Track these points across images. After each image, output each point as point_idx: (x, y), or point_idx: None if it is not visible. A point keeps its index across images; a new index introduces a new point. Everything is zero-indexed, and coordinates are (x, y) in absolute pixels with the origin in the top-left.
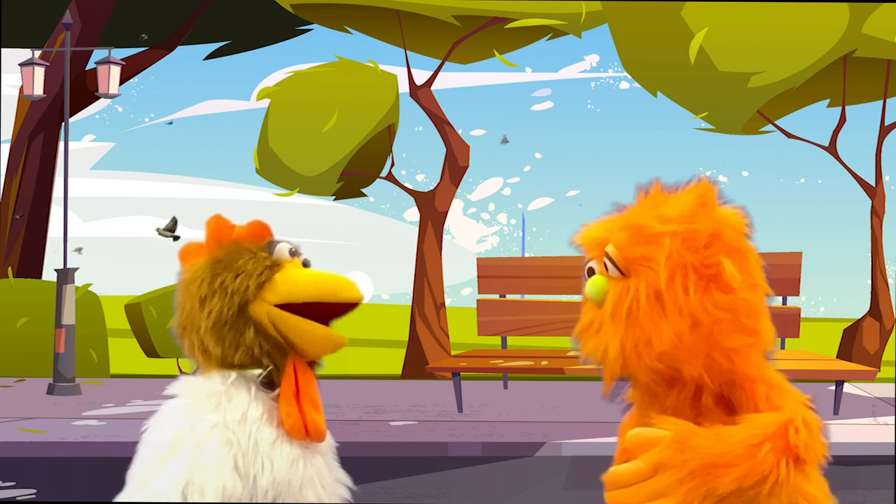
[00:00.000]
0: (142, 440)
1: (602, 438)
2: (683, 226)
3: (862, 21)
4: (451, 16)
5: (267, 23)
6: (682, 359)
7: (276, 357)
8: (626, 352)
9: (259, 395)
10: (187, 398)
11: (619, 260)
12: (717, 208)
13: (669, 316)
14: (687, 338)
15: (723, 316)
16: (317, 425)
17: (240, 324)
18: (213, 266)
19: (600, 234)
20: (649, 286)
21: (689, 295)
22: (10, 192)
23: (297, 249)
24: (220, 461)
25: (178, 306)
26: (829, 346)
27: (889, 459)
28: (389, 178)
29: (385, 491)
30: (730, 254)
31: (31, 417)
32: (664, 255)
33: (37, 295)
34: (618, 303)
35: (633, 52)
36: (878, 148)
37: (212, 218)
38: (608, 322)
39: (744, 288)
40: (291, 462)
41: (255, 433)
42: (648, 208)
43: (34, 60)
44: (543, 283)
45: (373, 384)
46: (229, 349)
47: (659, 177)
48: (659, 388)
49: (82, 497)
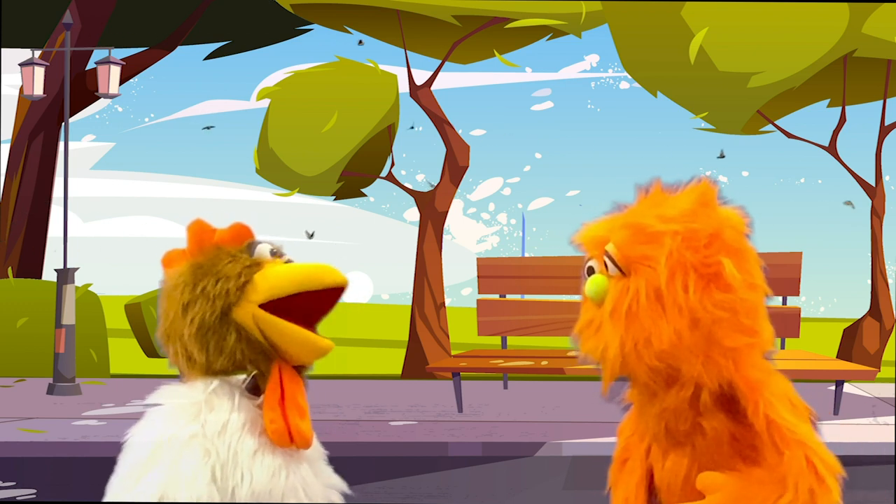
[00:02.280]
0: (122, 450)
1: (602, 438)
2: (684, 225)
3: (862, 21)
4: (451, 16)
5: (267, 23)
6: (682, 358)
7: (261, 362)
8: (625, 350)
9: (242, 403)
10: (169, 408)
11: (619, 259)
12: (718, 208)
13: (669, 315)
14: (686, 337)
15: (722, 315)
16: (301, 432)
17: (223, 329)
18: (195, 272)
19: (600, 234)
20: (649, 285)
21: (689, 294)
22: (10, 192)
23: (279, 249)
24: (196, 473)
25: (161, 314)
26: (829, 346)
27: (889, 459)
28: (389, 178)
29: (385, 491)
30: (729, 253)
31: (31, 417)
32: (664, 255)
33: (37, 295)
34: (618, 301)
35: (633, 52)
36: (878, 148)
37: (192, 223)
38: (608, 321)
39: (743, 287)
40: (272, 473)
41: (235, 443)
42: (649, 208)
43: (34, 60)
44: (543, 283)
45: (373, 384)
46: (213, 355)
47: (659, 176)
48: (658, 388)
49: (82, 497)
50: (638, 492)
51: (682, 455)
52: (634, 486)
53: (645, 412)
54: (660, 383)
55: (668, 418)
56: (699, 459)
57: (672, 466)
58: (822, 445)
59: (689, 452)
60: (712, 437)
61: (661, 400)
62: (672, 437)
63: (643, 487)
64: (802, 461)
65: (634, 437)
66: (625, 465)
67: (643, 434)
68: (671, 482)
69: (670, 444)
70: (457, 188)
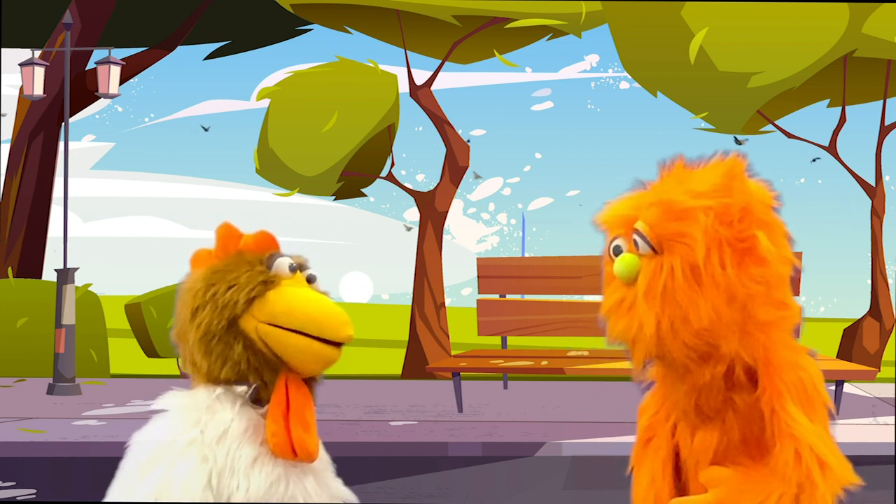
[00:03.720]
0: (125, 455)
1: (602, 438)
2: (716, 200)
3: (862, 21)
4: (451, 16)
5: (267, 23)
6: (720, 334)
7: (265, 373)
8: (661, 330)
9: (244, 411)
10: (171, 413)
11: (651, 237)
12: (747, 182)
13: (707, 292)
14: (725, 313)
15: (758, 289)
16: (305, 446)
17: (229, 337)
18: (210, 276)
19: (627, 212)
20: (685, 262)
21: (727, 270)
22: (10, 192)
23: (301, 265)
24: (191, 479)
25: (176, 315)
26: (829, 346)
27: (889, 459)
28: (389, 178)
29: (385, 491)
30: (761, 227)
31: (31, 417)
32: (700, 231)
33: (37, 295)
34: (652, 280)
35: (633, 52)
36: (878, 148)
37: (221, 226)
38: (641, 300)
39: (777, 260)
40: (271, 483)
41: (233, 451)
42: (675, 184)
43: (34, 60)
44: (543, 283)
45: (373, 384)
46: (216, 363)
47: (682, 153)
48: (692, 365)
49: (82, 497)
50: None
51: (712, 431)
52: (661, 465)
53: (675, 389)
54: (695, 361)
55: (701, 394)
56: (729, 434)
57: (701, 443)
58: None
59: (718, 427)
60: (744, 412)
61: (695, 377)
62: (702, 414)
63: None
64: (790, 456)
65: (659, 415)
66: (648, 444)
67: (669, 412)
68: (700, 459)
69: (700, 421)
70: (457, 188)
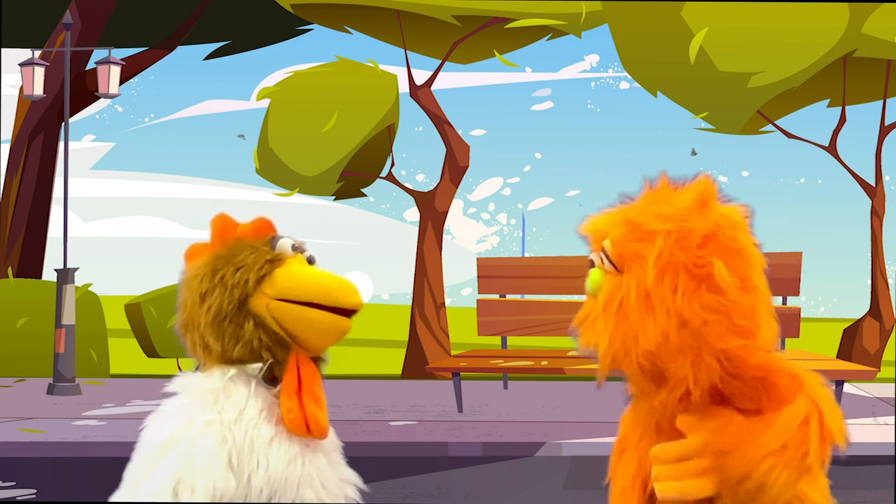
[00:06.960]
0: (139, 438)
1: (602, 438)
2: (678, 224)
3: (862, 21)
4: (451, 16)
5: (267, 23)
6: (669, 358)
7: (277, 351)
8: (614, 346)
9: (259, 391)
10: (186, 396)
11: (613, 255)
12: (716, 207)
13: (657, 315)
14: (674, 337)
15: (713, 317)
16: (318, 421)
17: (240, 317)
18: (215, 262)
19: (602, 227)
20: (639, 284)
21: (678, 295)
22: (10, 192)
23: (300, 245)
24: (212, 459)
25: (180, 304)
26: (829, 346)
27: (889, 459)
28: (389, 178)
29: (385, 491)
30: (725, 254)
31: (31, 417)
32: (654, 255)
33: (37, 295)
34: (609, 297)
35: (633, 52)
36: (878, 148)
37: (216, 216)
38: (601, 315)
39: (735, 289)
40: (289, 461)
41: (251, 430)
42: (649, 204)
43: (34, 60)
44: (543, 283)
45: (373, 384)
46: (229, 344)
47: (665, 171)
48: (646, 385)
49: (82, 497)
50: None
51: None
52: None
53: (638, 406)
54: (648, 381)
55: (659, 414)
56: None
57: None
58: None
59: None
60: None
61: (650, 397)
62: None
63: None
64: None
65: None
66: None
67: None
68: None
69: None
70: (457, 188)
